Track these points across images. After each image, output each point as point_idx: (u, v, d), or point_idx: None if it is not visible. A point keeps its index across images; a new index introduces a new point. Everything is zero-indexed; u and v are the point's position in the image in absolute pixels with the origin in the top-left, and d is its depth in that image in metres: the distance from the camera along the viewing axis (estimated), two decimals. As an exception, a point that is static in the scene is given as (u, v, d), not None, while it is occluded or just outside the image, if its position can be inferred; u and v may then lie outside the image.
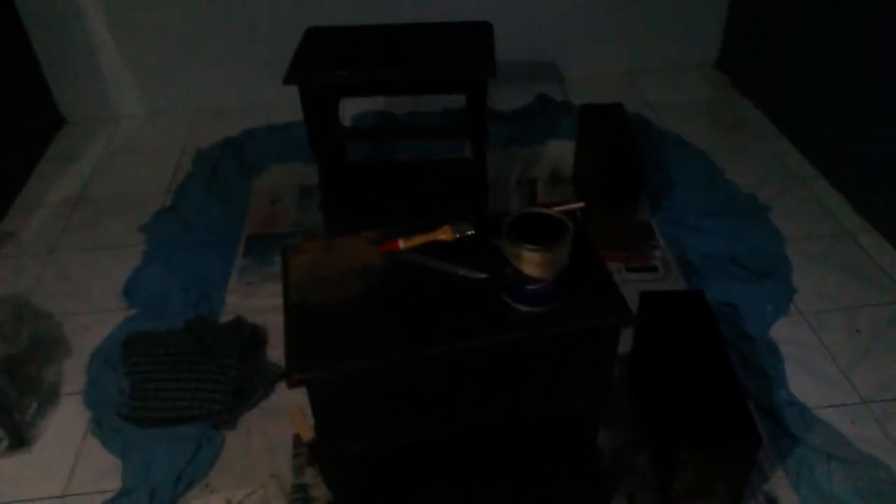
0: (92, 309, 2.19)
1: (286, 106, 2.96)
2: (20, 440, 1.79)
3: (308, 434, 1.74)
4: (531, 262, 1.17)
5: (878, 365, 1.89)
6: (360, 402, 1.24)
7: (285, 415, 1.82)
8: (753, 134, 2.85)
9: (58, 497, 1.69)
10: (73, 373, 1.98)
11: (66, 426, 1.84)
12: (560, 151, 2.74)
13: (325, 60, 2.07)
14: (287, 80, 1.97)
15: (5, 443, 1.77)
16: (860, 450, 1.69)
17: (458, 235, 1.37)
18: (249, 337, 1.99)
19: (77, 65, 3.01)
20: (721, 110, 3.01)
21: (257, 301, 2.16)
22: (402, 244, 1.36)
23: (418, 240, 1.36)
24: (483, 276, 1.28)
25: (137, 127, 3.12)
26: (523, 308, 1.22)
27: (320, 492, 1.65)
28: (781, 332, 1.99)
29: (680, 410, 1.50)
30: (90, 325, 2.12)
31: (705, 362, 1.56)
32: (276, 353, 1.99)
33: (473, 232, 1.37)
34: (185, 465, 1.71)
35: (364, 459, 1.37)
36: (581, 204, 1.43)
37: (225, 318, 2.10)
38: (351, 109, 3.01)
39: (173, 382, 1.83)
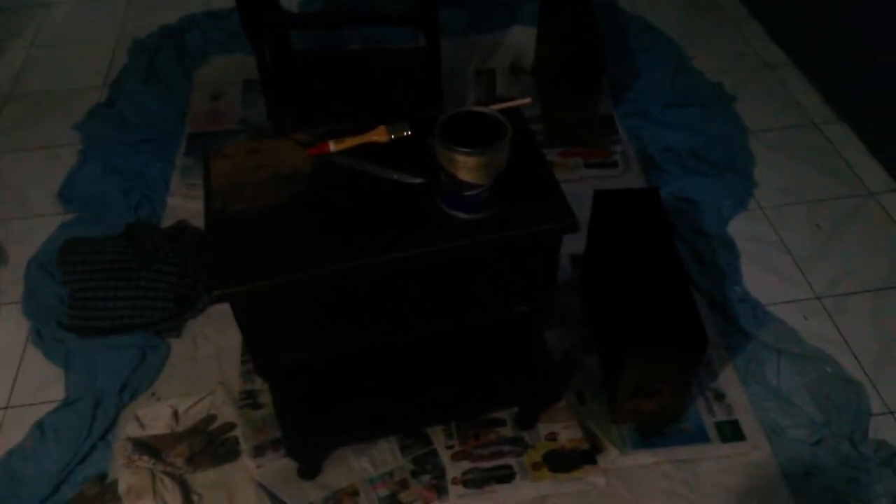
0: (27, 214, 2.09)
1: (227, -11, 2.77)
2: (-43, 352, 1.74)
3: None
4: (465, 167, 1.09)
5: (835, 260, 1.88)
6: (288, 315, 1.18)
7: (233, 321, 1.78)
8: (725, 18, 2.70)
9: (1, 408, 1.65)
10: (10, 282, 1.90)
11: (5, 337, 1.79)
12: (521, 39, 2.59)
13: None
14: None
15: (-59, 355, 1.72)
16: (811, 345, 1.70)
17: (392, 137, 1.28)
18: (192, 241, 1.91)
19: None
20: (693, -9, 2.84)
21: (201, 204, 2.05)
22: (332, 146, 1.26)
23: (350, 142, 1.27)
24: (419, 181, 1.20)
25: (68, 14, 2.88)
26: (460, 215, 1.15)
27: (268, 397, 1.63)
28: (739, 227, 1.95)
29: (627, 311, 1.47)
30: (27, 231, 2.03)
31: (656, 262, 1.53)
32: (221, 257, 1.92)
33: (410, 133, 1.28)
34: (130, 374, 1.67)
35: (302, 369, 1.34)
36: (527, 100, 1.33)
37: (167, 221, 2.01)
38: (296, -7, 2.81)
39: (112, 291, 1.76)
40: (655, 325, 1.43)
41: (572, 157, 2.16)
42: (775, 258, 1.88)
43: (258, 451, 1.54)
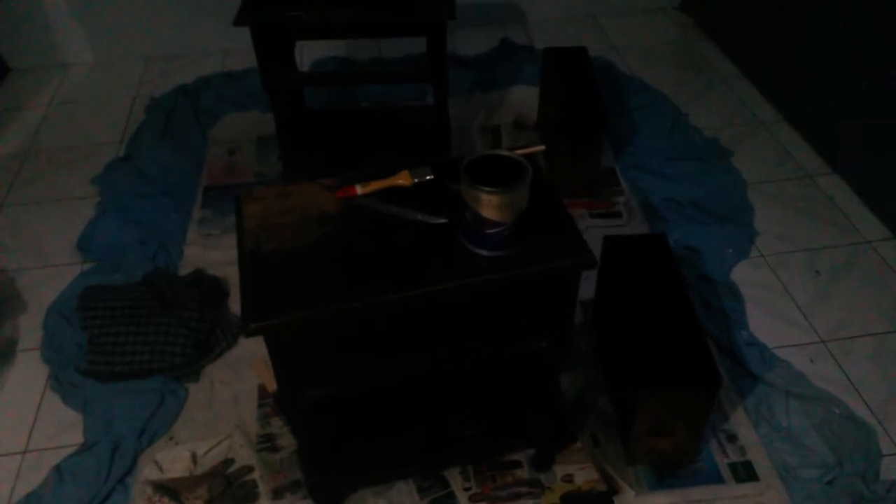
0: (45, 263, 2.13)
1: (242, 52, 2.89)
2: (-25, 398, 1.75)
3: (273, 384, 1.73)
4: (489, 205, 1.15)
5: (837, 305, 1.93)
6: (318, 349, 1.22)
7: (249, 367, 1.81)
8: (717, 77, 2.83)
9: (19, 453, 1.66)
10: (28, 329, 1.93)
11: (24, 383, 1.80)
12: (524, 97, 2.70)
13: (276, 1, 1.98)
14: (238, 21, 1.89)
15: (-40, 401, 1.74)
16: (818, 387, 1.73)
17: (416, 180, 1.34)
18: (210, 289, 1.95)
19: (21, 10, 2.86)
20: (685, 53, 2.98)
21: (218, 253, 2.11)
22: (359, 190, 1.32)
23: (376, 185, 1.33)
24: (442, 220, 1.26)
25: (86, 75, 2.99)
26: (483, 252, 1.20)
27: (286, 440, 1.64)
28: (742, 274, 2.01)
29: (640, 351, 1.51)
30: (44, 280, 2.07)
31: (666, 304, 1.57)
32: (237, 305, 1.94)
33: (432, 177, 1.34)
34: (149, 419, 1.69)
35: (327, 406, 1.36)
36: (541, 147, 1.41)
37: (184, 270, 2.06)
38: (311, 55, 2.93)
39: (132, 336, 1.79)
40: (668, 364, 1.47)
41: (577, 208, 2.23)
42: (779, 303, 1.93)
43: (277, 494, 1.55)
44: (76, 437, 1.67)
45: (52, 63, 3.01)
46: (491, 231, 1.18)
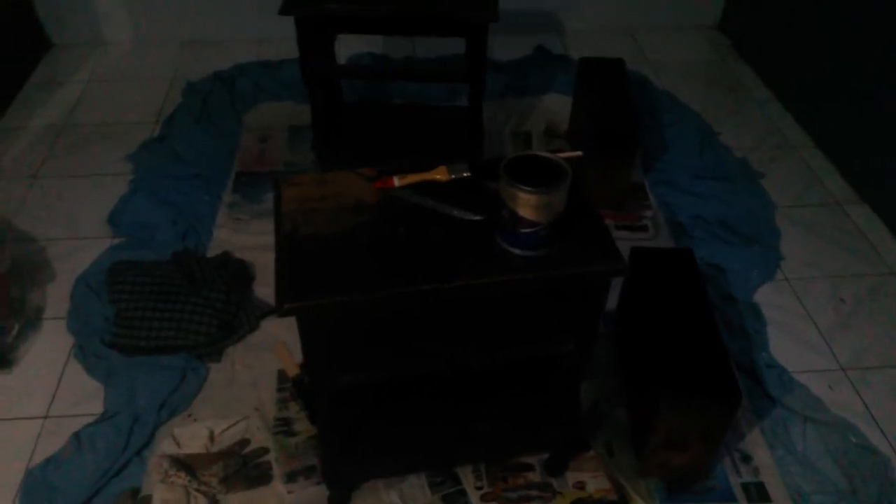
0: (76, 235, 2.16)
1: (276, 42, 2.93)
2: (1, 361, 1.78)
3: (293, 370, 1.75)
4: (527, 205, 1.16)
5: (858, 334, 1.92)
6: (348, 335, 1.24)
7: (270, 351, 1.82)
8: (749, 98, 2.83)
9: (40, 417, 1.68)
10: (56, 298, 1.96)
11: (48, 350, 1.83)
12: (556, 106, 2.72)
13: None
14: (283, 10, 1.92)
15: (-14, 363, 1.77)
16: (836, 414, 1.73)
17: (453, 176, 1.36)
18: (237, 272, 1.97)
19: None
20: (719, 73, 2.98)
21: (245, 238, 2.14)
22: (396, 181, 1.34)
23: (413, 178, 1.35)
24: (477, 217, 1.27)
25: (125, 55, 3.04)
26: (517, 252, 1.22)
27: (303, 426, 1.66)
28: (766, 296, 2.01)
29: (662, 363, 1.51)
30: (74, 251, 2.10)
31: (690, 320, 1.58)
32: (262, 290, 1.98)
33: (469, 174, 1.36)
34: (170, 394, 1.71)
35: (351, 393, 1.38)
36: (579, 153, 1.42)
37: (212, 252, 2.08)
38: (347, 50, 2.96)
39: (158, 312, 1.81)
40: (689, 377, 1.47)
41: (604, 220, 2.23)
42: (800, 328, 1.93)
43: (290, 478, 1.57)
44: (97, 407, 1.70)
45: (93, 41, 3.06)
46: (527, 231, 1.19)
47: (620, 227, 2.22)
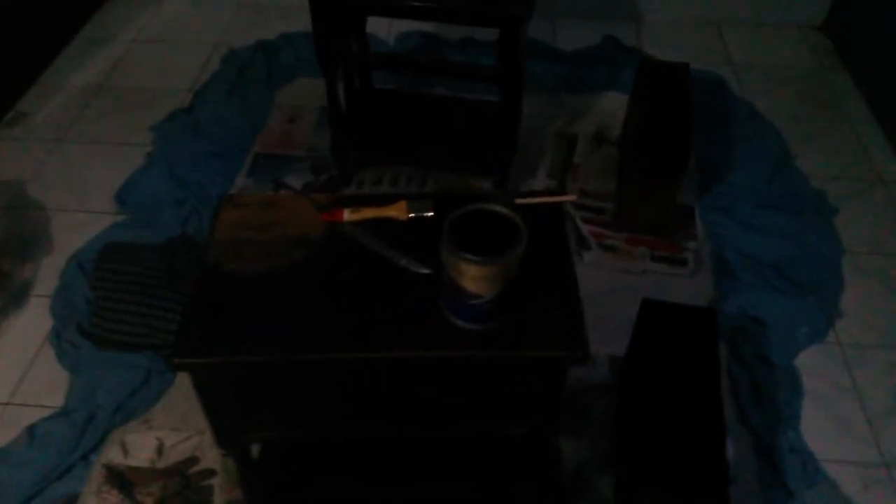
0: (84, 208, 2.12)
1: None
2: (-22, 337, 1.76)
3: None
4: (468, 275, 0.97)
5: (916, 422, 1.62)
6: (256, 394, 1.09)
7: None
8: (843, 116, 2.45)
9: (1, 404, 1.65)
10: (48, 275, 1.92)
11: (27, 330, 1.79)
12: (614, 106, 2.44)
13: None
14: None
15: (-36, 338, 1.75)
16: (865, 522, 1.46)
17: (412, 215, 1.17)
18: (226, 267, 1.87)
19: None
20: (814, 82, 2.60)
21: (247, 227, 2.02)
22: (347, 215, 1.17)
23: (367, 213, 1.18)
24: (426, 271, 1.09)
25: (176, 14, 2.95)
26: (460, 323, 1.03)
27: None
28: (810, 361, 1.73)
29: (650, 449, 1.30)
30: (79, 225, 2.05)
31: (694, 400, 1.35)
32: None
33: (432, 214, 1.17)
34: (129, 395, 1.64)
35: (274, 444, 1.25)
36: (571, 197, 1.21)
37: (209, 241, 1.99)
38: (399, 26, 2.77)
39: (133, 305, 1.74)
40: (674, 474, 1.25)
41: (639, 246, 1.99)
42: (844, 407, 1.64)
43: (230, 508, 1.47)
44: (59, 399, 1.65)
45: (150, -4, 3.00)
46: (468, 302, 1.00)
47: (656, 258, 1.97)
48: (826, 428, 1.60)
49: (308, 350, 1.01)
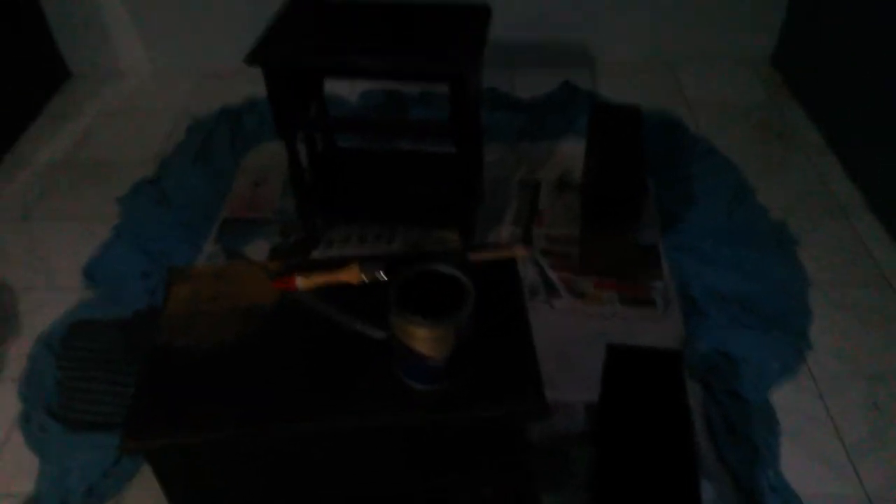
0: (53, 285, 2.10)
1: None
2: (-56, 427, 1.72)
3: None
4: (417, 338, 0.97)
5: (894, 451, 1.61)
6: (213, 471, 1.08)
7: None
8: (799, 147, 2.50)
9: (-31, 495, 1.61)
10: (16, 355, 1.89)
11: (-3, 414, 1.77)
12: (574, 151, 2.47)
13: (296, 39, 1.86)
14: (249, 60, 1.79)
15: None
16: (849, 557, 1.44)
17: (365, 279, 1.18)
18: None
19: (81, 14, 2.88)
20: (767, 116, 2.66)
21: (216, 295, 2.01)
22: (299, 283, 1.17)
23: (320, 279, 1.18)
24: (381, 335, 1.09)
25: (140, 85, 2.99)
26: (414, 385, 1.03)
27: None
28: (784, 396, 1.72)
29: (628, 499, 1.28)
30: (47, 303, 2.03)
31: (665, 446, 1.34)
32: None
33: (385, 278, 1.18)
34: (101, 477, 1.60)
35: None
36: (524, 252, 1.22)
37: (177, 311, 1.97)
38: (362, 85, 2.81)
39: (101, 384, 1.72)
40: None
41: (606, 290, 1.99)
42: (822, 440, 1.64)
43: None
44: (29, 486, 1.61)
45: (110, 70, 3.03)
46: (421, 364, 1.00)
47: (625, 301, 1.97)
48: (806, 463, 1.59)
49: (262, 425, 1.00)
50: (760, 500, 1.52)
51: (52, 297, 2.05)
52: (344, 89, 2.76)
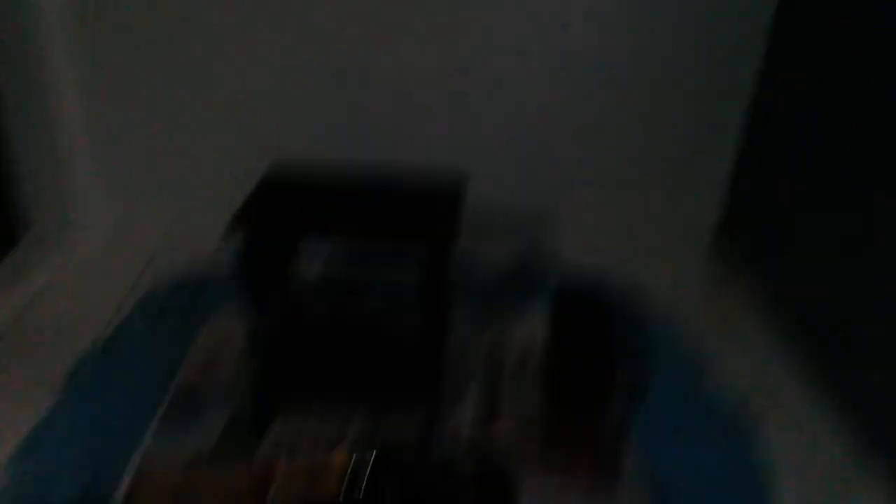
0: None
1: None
2: None
3: None
4: None
5: None
6: None
7: None
8: (744, 333, 2.56)
9: None
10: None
11: None
12: (535, 328, 2.48)
13: (274, 214, 1.94)
14: (228, 236, 1.86)
15: None
16: None
17: None
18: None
19: (45, 167, 2.88)
20: (714, 297, 2.74)
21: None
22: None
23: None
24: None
25: (90, 256, 2.93)
26: None
27: None
28: None
29: None
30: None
31: None
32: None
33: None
34: None
35: None
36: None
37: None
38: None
39: None
40: None
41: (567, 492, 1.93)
42: None
43: None
44: None
45: (73, 226, 2.99)
46: None
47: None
48: None
49: None
50: None
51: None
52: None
